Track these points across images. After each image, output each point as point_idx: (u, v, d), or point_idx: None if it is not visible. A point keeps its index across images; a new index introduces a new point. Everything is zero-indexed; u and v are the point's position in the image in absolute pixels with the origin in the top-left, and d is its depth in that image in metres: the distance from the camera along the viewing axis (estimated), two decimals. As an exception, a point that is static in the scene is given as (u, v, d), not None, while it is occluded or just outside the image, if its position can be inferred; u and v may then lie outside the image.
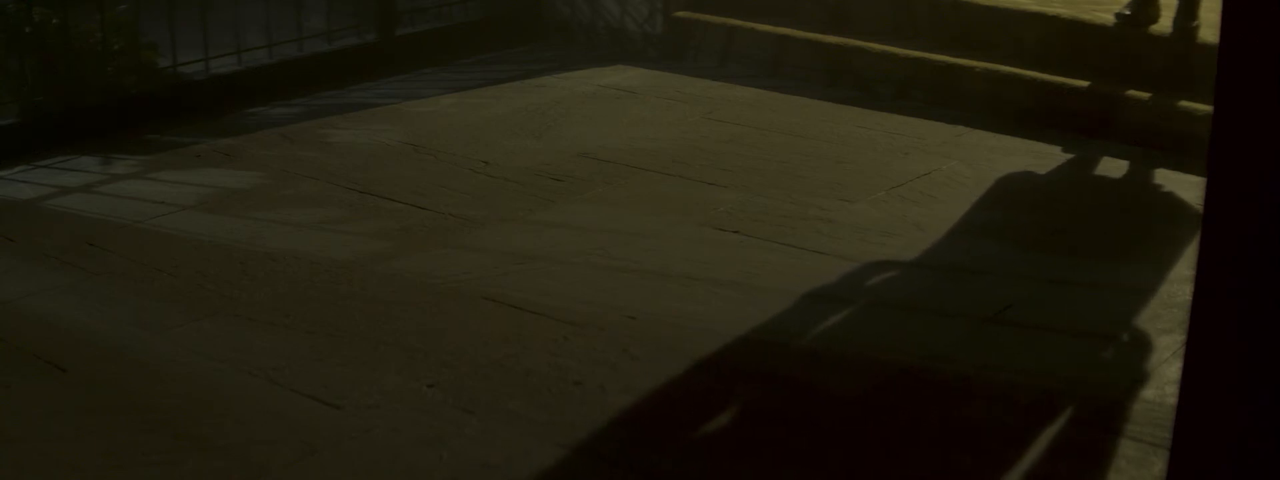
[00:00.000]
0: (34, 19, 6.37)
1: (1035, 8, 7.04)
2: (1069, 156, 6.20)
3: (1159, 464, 3.82)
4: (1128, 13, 6.66)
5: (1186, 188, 5.84)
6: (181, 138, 6.47)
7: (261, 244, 5.31)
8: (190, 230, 5.45)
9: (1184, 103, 6.21)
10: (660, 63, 7.73)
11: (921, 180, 6.02)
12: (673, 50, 7.82)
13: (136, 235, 5.42)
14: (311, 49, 7.39)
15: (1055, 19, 6.91)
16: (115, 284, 5.00)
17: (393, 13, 7.72)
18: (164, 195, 5.80)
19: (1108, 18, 6.76)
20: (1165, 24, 6.54)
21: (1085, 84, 6.55)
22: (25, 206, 5.73)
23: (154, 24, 6.71)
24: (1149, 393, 4.25)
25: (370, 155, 6.27)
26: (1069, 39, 6.84)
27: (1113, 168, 5.99)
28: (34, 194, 5.85)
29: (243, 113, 6.82)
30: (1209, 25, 6.44)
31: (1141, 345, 4.56)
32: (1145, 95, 6.36)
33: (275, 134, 6.55)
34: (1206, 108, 5.77)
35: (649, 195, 5.84)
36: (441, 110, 6.94)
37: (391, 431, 4.02)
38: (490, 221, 5.55)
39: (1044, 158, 6.20)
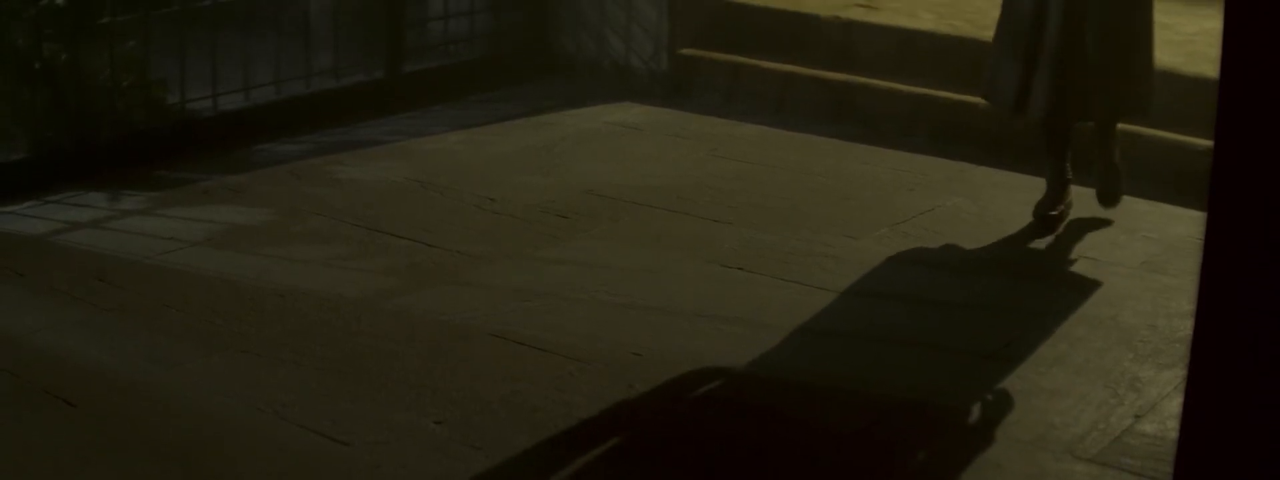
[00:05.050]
0: (44, 54, 6.40)
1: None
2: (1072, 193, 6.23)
3: (1159, 501, 3.85)
4: (1053, 213, 5.94)
5: (1187, 222, 5.87)
6: (190, 174, 6.51)
7: (270, 280, 5.34)
8: (199, 266, 5.49)
9: (1186, 139, 6.25)
10: (666, 100, 7.76)
11: (925, 216, 6.05)
12: (678, 87, 7.86)
13: (146, 271, 5.45)
14: (319, 86, 7.42)
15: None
16: (125, 319, 5.04)
17: (400, 50, 7.76)
18: (173, 231, 5.83)
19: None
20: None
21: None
22: (35, 241, 5.76)
23: (163, 60, 6.74)
24: (1149, 427, 4.28)
25: (378, 192, 6.30)
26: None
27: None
28: (44, 229, 5.88)
29: (251, 149, 6.85)
30: (1209, 60, 6.48)
31: (1142, 380, 4.58)
32: (1149, 132, 6.39)
33: (283, 170, 6.58)
34: (1206, 142, 5.80)
35: (654, 232, 5.87)
36: (449, 147, 6.97)
37: (399, 468, 4.04)
38: (497, 258, 5.59)
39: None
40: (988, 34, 7.23)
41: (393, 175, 6.52)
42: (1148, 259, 5.63)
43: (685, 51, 7.90)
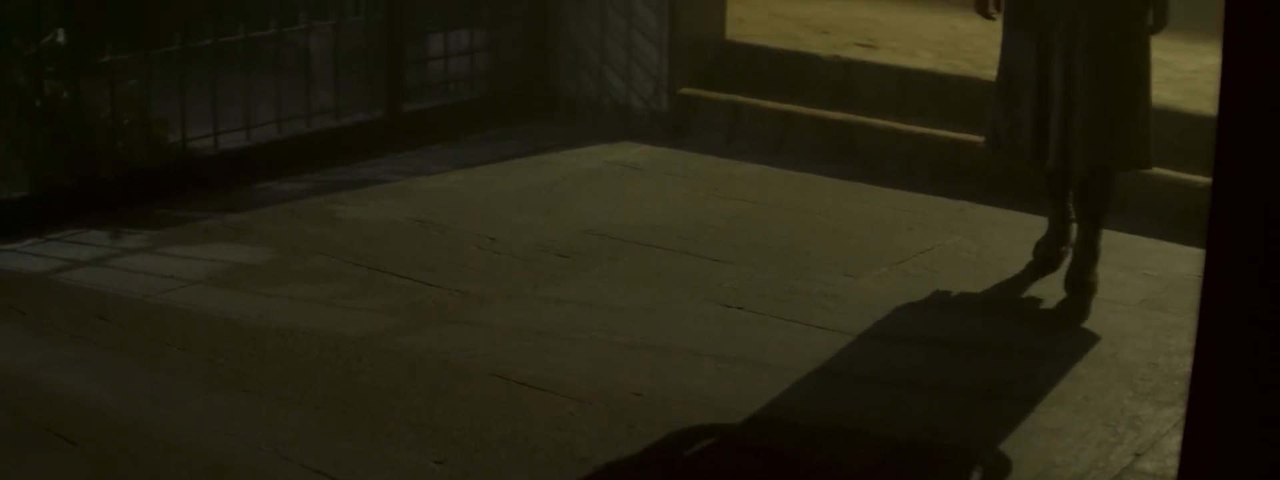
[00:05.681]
0: (45, 92, 6.42)
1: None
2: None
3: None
4: (1054, 253, 5.93)
5: (1188, 260, 5.88)
6: (191, 212, 6.51)
7: (271, 319, 5.34)
8: (200, 305, 5.49)
9: (1186, 176, 6.26)
10: (666, 139, 7.78)
11: (925, 255, 6.06)
12: (678, 127, 7.87)
13: (147, 309, 5.45)
14: (320, 125, 7.44)
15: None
16: (126, 358, 5.04)
17: (401, 89, 7.78)
18: (174, 270, 5.84)
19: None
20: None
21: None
22: (36, 279, 5.76)
23: (164, 99, 6.75)
24: (1149, 465, 4.28)
25: (379, 231, 6.31)
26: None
27: (1115, 242, 6.02)
28: (45, 267, 5.88)
29: (252, 188, 6.86)
30: (1208, 98, 6.49)
31: (1142, 418, 4.58)
32: (1150, 171, 6.39)
33: (284, 209, 6.59)
34: (1206, 180, 5.81)
35: (655, 272, 5.88)
36: (449, 186, 6.98)
37: (400, 506, 4.04)
38: (497, 298, 5.59)
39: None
40: (987, 73, 7.28)
41: (393, 214, 6.53)
42: (1148, 297, 5.64)
43: (685, 91, 7.92)
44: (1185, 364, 4.82)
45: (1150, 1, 5.48)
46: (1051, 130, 5.54)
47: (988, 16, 5.80)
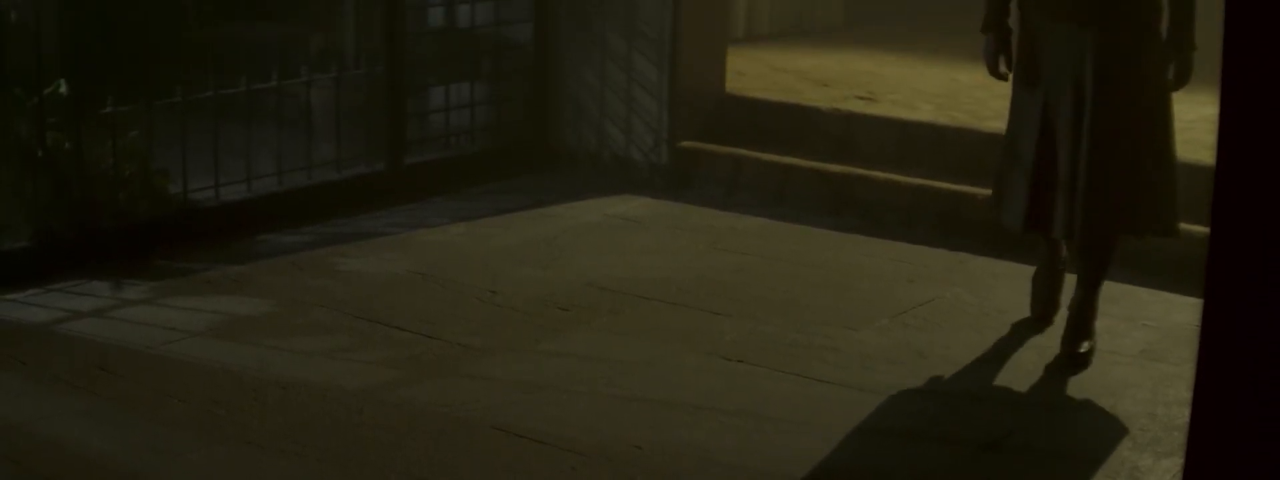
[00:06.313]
0: (47, 143, 6.43)
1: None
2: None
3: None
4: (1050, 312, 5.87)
5: (1186, 310, 5.89)
6: (192, 264, 6.52)
7: (272, 371, 5.34)
8: (201, 357, 5.49)
9: (1185, 226, 6.27)
10: (666, 192, 7.79)
11: (925, 308, 6.07)
12: (679, 180, 7.89)
13: (148, 361, 5.45)
14: (321, 177, 7.45)
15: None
16: (127, 409, 5.04)
17: (401, 142, 7.80)
18: (175, 321, 5.84)
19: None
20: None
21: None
22: (37, 330, 5.76)
23: (165, 150, 6.77)
24: (1152, 523, 4.28)
25: (380, 284, 6.32)
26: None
27: (1114, 293, 6.02)
28: (46, 317, 5.88)
29: (253, 240, 6.87)
30: (1207, 147, 6.50)
31: (1141, 469, 4.58)
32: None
33: (285, 262, 6.60)
34: (1205, 230, 5.81)
35: (655, 325, 5.88)
36: (450, 239, 6.99)
37: (401, 559, 4.04)
38: (498, 351, 5.60)
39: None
40: (987, 125, 7.32)
41: (394, 267, 6.53)
42: (1147, 347, 5.65)
43: (685, 144, 7.94)
44: (1184, 414, 4.82)
45: (1172, 56, 5.37)
46: (1059, 195, 5.39)
47: (999, 76, 5.67)
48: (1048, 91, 5.42)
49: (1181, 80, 5.39)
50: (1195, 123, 6.77)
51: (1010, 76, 5.65)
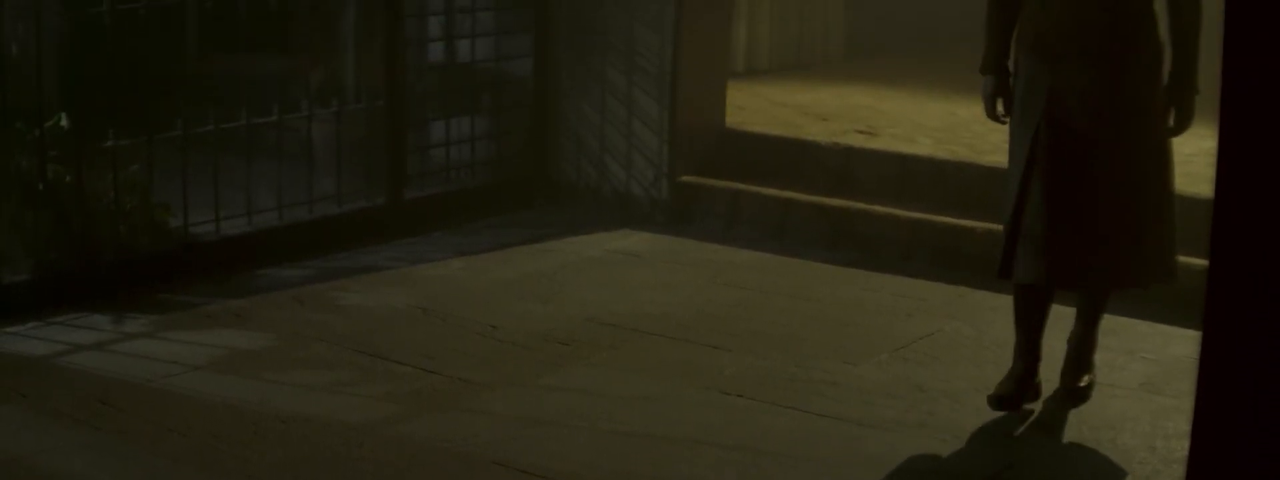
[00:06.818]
0: (48, 176, 6.45)
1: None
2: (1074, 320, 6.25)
3: None
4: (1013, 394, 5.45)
5: (1186, 343, 5.89)
6: (193, 298, 6.53)
7: (273, 406, 5.34)
8: (202, 391, 5.49)
9: (1184, 259, 6.28)
10: (666, 226, 7.80)
11: (924, 342, 6.08)
12: (679, 214, 7.90)
13: (148, 394, 5.45)
14: (322, 211, 7.46)
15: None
16: (127, 443, 5.04)
17: (402, 176, 7.81)
18: (176, 355, 5.84)
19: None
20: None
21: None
22: (38, 363, 5.77)
23: (166, 184, 6.78)
24: (1152, 559, 4.28)
25: (380, 318, 6.33)
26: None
27: (1113, 325, 6.02)
28: (46, 351, 5.89)
29: (254, 274, 6.88)
30: (1206, 180, 6.51)
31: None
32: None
33: (286, 296, 6.60)
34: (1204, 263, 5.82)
35: (655, 359, 5.89)
36: (451, 274, 7.00)
37: (401, 594, 4.04)
38: (498, 385, 5.60)
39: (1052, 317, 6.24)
40: (986, 159, 7.34)
41: (395, 301, 6.54)
42: (1146, 380, 5.66)
43: (685, 178, 7.96)
44: (1183, 447, 4.80)
45: (1174, 99, 5.25)
46: (1062, 246, 5.23)
47: (997, 119, 5.49)
48: (1037, 134, 5.22)
49: (1182, 125, 5.28)
50: (1194, 156, 6.78)
51: (1009, 120, 5.45)
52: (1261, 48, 2.05)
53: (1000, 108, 5.47)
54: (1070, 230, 5.22)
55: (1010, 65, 5.46)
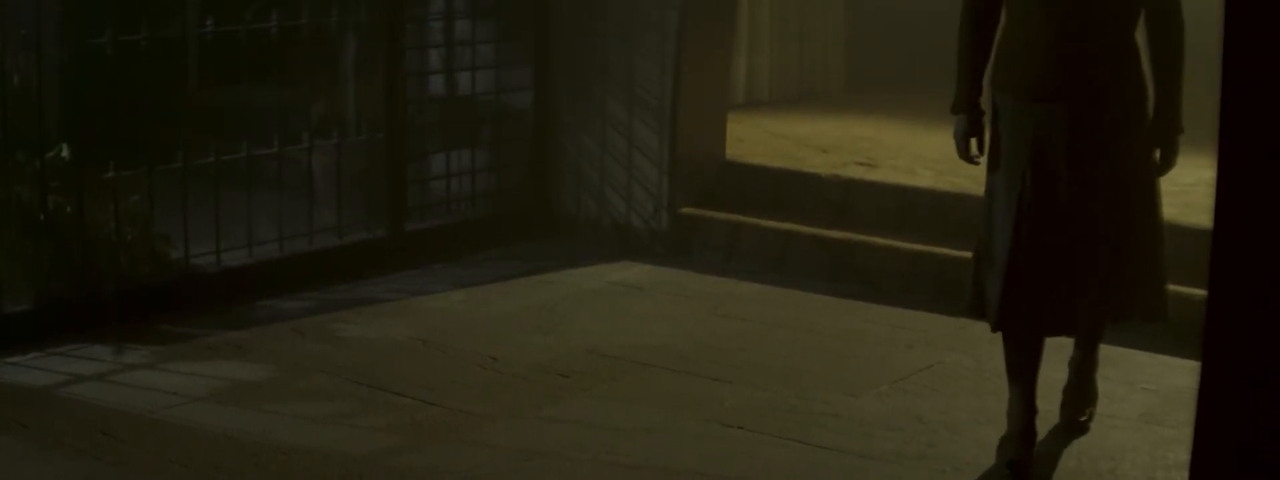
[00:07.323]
0: (49, 207, 6.46)
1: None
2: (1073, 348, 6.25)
3: None
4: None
5: (1185, 373, 5.89)
6: (193, 329, 6.53)
7: (273, 437, 5.35)
8: (202, 422, 5.49)
9: (1183, 290, 6.28)
10: (666, 258, 7.81)
11: (925, 373, 6.08)
12: (679, 246, 7.91)
13: (149, 425, 5.46)
14: (322, 243, 7.46)
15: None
16: (128, 474, 5.04)
17: (402, 208, 7.82)
18: (176, 386, 5.85)
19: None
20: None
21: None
22: (39, 393, 5.77)
23: (166, 215, 6.79)
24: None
25: (380, 350, 6.33)
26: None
27: (1113, 356, 6.02)
28: (47, 381, 5.89)
29: (254, 305, 6.88)
30: (1205, 210, 6.51)
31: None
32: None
33: (286, 327, 6.61)
34: (1203, 293, 5.81)
35: (655, 391, 5.89)
36: (451, 306, 7.01)
37: None
38: (498, 417, 5.60)
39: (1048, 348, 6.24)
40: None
41: (395, 333, 6.54)
42: (1146, 411, 5.66)
43: (685, 210, 7.96)
44: (1183, 478, 4.82)
45: (1158, 139, 5.11)
46: (1051, 294, 5.09)
47: (969, 160, 5.34)
48: (1024, 179, 5.05)
49: (1167, 165, 5.15)
50: (1193, 186, 6.79)
51: (982, 161, 5.30)
52: (1261, 70, 2.06)
53: (974, 148, 5.31)
54: (1063, 280, 5.08)
55: (982, 105, 5.29)
